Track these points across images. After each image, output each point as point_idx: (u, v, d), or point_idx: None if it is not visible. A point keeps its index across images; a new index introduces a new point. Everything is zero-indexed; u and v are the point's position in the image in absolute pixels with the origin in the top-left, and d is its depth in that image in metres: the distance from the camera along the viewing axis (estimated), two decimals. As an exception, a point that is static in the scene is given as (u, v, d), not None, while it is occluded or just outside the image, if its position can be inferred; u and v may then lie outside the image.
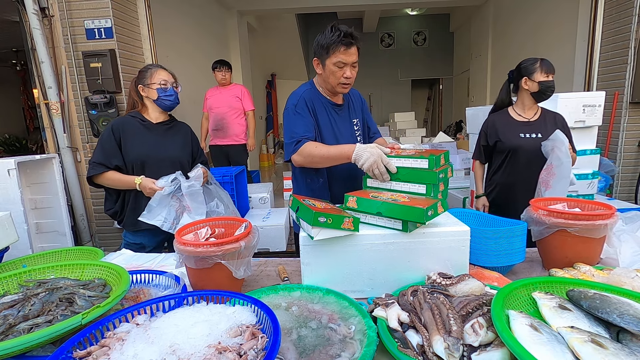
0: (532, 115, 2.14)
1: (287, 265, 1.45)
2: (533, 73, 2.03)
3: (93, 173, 1.73)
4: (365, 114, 1.83)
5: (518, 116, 2.15)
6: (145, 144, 1.80)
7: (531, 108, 2.14)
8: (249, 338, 0.78)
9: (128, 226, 1.83)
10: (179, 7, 4.93)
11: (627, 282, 0.99)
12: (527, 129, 2.11)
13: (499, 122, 2.18)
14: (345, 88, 1.58)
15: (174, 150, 1.87)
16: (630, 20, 3.28)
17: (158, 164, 1.80)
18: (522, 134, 2.10)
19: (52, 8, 3.20)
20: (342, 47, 1.47)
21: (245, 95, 4.26)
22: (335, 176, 1.67)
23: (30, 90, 7.41)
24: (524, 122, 2.12)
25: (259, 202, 3.87)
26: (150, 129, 1.84)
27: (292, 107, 1.61)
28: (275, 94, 9.79)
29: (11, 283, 1.07)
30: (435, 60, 10.88)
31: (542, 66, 2.01)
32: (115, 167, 1.76)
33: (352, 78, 1.55)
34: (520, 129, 2.11)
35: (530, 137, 2.08)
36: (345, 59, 1.50)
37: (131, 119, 1.83)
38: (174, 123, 1.95)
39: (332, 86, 1.58)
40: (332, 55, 1.50)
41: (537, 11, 5.60)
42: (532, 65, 2.04)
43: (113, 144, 1.75)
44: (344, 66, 1.51)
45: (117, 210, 1.83)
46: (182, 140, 1.93)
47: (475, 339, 0.77)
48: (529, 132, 2.09)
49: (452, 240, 1.12)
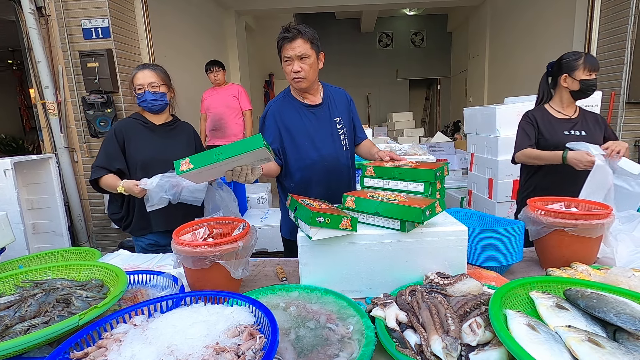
0: (572, 113, 1.97)
1: (285, 266, 1.45)
2: (575, 70, 1.85)
3: (94, 177, 1.71)
4: (353, 115, 1.82)
5: (557, 113, 1.98)
6: (149, 147, 1.77)
7: (570, 105, 1.97)
8: (247, 338, 0.78)
9: (135, 231, 1.81)
10: (177, 6, 4.92)
11: (624, 281, 1.00)
12: (570, 126, 1.94)
13: (539, 118, 1.99)
14: (298, 82, 1.57)
15: (178, 152, 1.79)
16: (627, 20, 3.30)
17: (162, 166, 1.73)
18: (566, 132, 1.92)
19: (48, 7, 3.18)
20: (284, 42, 1.51)
21: (243, 95, 4.27)
22: (312, 180, 1.68)
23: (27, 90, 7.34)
24: (565, 120, 1.95)
25: (257, 202, 3.86)
26: (153, 131, 1.82)
27: (262, 119, 1.69)
28: (273, 93, 9.78)
29: (7, 284, 1.07)
30: (432, 60, 10.89)
31: (586, 63, 1.83)
32: (118, 170, 1.73)
33: (303, 72, 1.54)
34: (562, 126, 1.94)
35: (575, 135, 1.90)
36: (288, 53, 1.52)
37: (133, 122, 1.81)
38: (177, 124, 1.92)
39: (290, 83, 1.60)
40: (282, 53, 1.54)
41: (534, 11, 5.61)
42: (575, 61, 1.85)
43: (116, 147, 1.74)
44: (289, 61, 1.53)
45: (123, 216, 1.81)
46: (186, 141, 1.90)
47: (473, 339, 0.77)
48: (573, 130, 1.92)
49: (450, 240, 1.12)
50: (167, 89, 1.82)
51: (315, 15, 9.83)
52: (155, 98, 1.76)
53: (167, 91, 1.82)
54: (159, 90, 1.77)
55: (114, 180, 1.69)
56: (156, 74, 1.77)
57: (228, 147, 1.18)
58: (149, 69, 1.78)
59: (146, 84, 1.74)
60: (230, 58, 6.70)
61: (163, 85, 1.79)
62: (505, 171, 2.94)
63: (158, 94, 1.76)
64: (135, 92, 1.76)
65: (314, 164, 1.65)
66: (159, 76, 1.78)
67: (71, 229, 3.27)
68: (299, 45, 1.50)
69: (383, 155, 1.52)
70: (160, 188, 1.58)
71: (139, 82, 1.74)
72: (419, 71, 11.13)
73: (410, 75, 11.21)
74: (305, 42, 1.51)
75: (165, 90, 1.80)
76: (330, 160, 1.67)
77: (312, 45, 1.53)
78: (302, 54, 1.51)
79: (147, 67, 1.80)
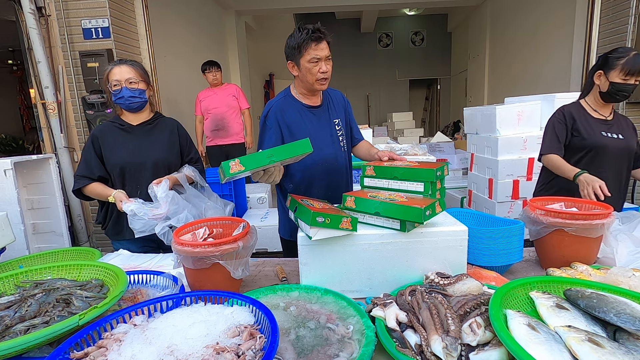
0: (608, 113, 1.82)
1: (286, 266, 1.45)
2: (612, 69, 1.67)
3: (77, 187, 1.67)
4: (349, 116, 1.83)
5: (594, 112, 1.83)
6: (124, 150, 1.69)
7: (606, 105, 1.81)
8: (247, 338, 0.78)
9: (111, 235, 1.79)
10: (177, 6, 4.92)
11: (624, 281, 1.00)
12: (607, 127, 1.79)
13: (577, 115, 1.83)
14: (324, 84, 1.59)
15: (157, 152, 1.73)
16: (627, 20, 3.30)
17: (138, 169, 1.70)
18: (604, 133, 1.78)
19: (48, 7, 3.18)
20: (312, 43, 1.51)
21: (241, 94, 4.29)
22: (312, 180, 1.68)
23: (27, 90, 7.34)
24: (602, 120, 1.81)
25: (257, 202, 3.87)
26: (130, 132, 1.73)
27: (263, 119, 1.67)
28: (273, 93, 9.78)
29: (8, 284, 1.07)
30: (433, 61, 10.89)
31: (625, 64, 1.63)
32: (99, 177, 1.68)
33: (329, 72, 1.58)
34: (600, 126, 1.80)
35: (612, 137, 1.77)
36: (318, 53, 1.52)
37: (110, 125, 1.74)
38: (157, 121, 1.80)
39: (311, 84, 1.59)
40: (305, 53, 1.53)
41: (535, 11, 5.61)
42: (617, 59, 1.66)
43: (93, 155, 1.68)
44: (318, 61, 1.54)
45: (101, 220, 1.79)
46: (167, 139, 1.79)
47: (473, 339, 0.77)
48: (611, 132, 1.78)
49: (450, 240, 1.12)
50: (146, 85, 1.72)
51: (315, 15, 9.81)
52: (133, 95, 1.66)
53: (147, 88, 1.72)
54: (137, 87, 1.67)
55: (103, 189, 1.65)
56: (134, 70, 1.67)
57: (279, 150, 1.17)
58: (126, 64, 1.68)
59: (123, 80, 1.64)
60: (230, 58, 6.70)
61: (142, 82, 1.69)
62: (505, 171, 2.94)
63: (137, 90, 1.66)
64: (111, 89, 1.65)
65: (315, 165, 1.65)
66: (137, 72, 1.68)
67: (71, 229, 3.27)
68: (325, 47, 1.54)
69: (382, 155, 1.52)
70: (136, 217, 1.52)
71: (115, 77, 1.64)
72: (419, 71, 11.13)
73: (410, 75, 11.21)
74: (328, 45, 1.56)
75: (145, 87, 1.70)
76: (330, 161, 1.68)
77: (330, 47, 1.57)
78: (329, 55, 1.55)
79: (125, 62, 1.69)
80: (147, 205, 1.54)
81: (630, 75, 1.64)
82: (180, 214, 1.56)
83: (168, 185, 1.60)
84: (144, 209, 1.52)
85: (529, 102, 3.03)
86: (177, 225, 1.49)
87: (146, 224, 1.52)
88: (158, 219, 1.52)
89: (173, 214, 1.55)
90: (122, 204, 1.54)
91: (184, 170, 1.77)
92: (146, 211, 1.52)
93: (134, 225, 1.52)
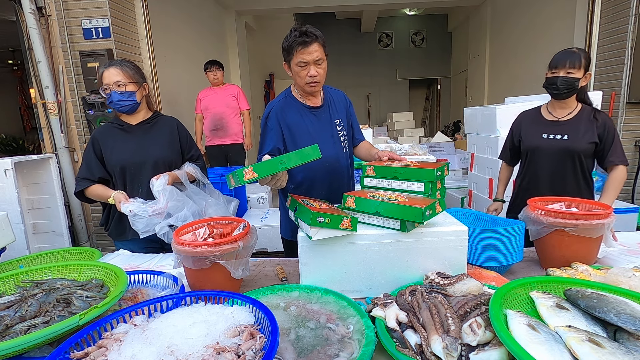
0: (563, 115, 1.85)
1: (286, 266, 1.45)
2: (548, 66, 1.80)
3: (78, 189, 1.69)
4: (351, 117, 1.82)
5: (548, 114, 1.90)
6: (124, 150, 1.70)
7: (561, 106, 1.85)
8: (247, 338, 0.78)
9: (114, 236, 1.79)
10: (177, 6, 4.92)
11: (624, 281, 0.99)
12: (553, 129, 1.85)
13: (525, 120, 1.97)
14: (314, 87, 1.57)
15: (157, 151, 1.73)
16: (627, 20, 3.30)
17: (138, 168, 1.70)
18: (545, 135, 1.86)
19: (49, 7, 3.18)
20: (299, 46, 1.48)
21: (241, 95, 4.28)
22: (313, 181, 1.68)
23: (27, 90, 7.34)
24: (552, 122, 1.87)
25: (257, 202, 3.87)
26: (130, 132, 1.73)
27: (264, 120, 1.66)
28: (273, 93, 9.77)
29: (8, 284, 1.07)
30: (433, 60, 10.89)
31: (552, 59, 1.77)
32: (100, 179, 1.68)
33: (319, 76, 1.54)
34: (544, 128, 1.87)
35: (553, 139, 1.83)
36: (305, 57, 1.49)
37: (110, 126, 1.75)
38: (156, 120, 1.79)
39: (301, 87, 1.58)
40: (294, 56, 1.51)
41: (535, 11, 5.61)
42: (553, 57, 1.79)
43: (93, 157, 1.68)
44: (306, 65, 1.51)
45: (104, 222, 1.79)
46: (167, 138, 1.78)
47: (473, 339, 0.77)
48: (553, 133, 1.84)
49: (450, 240, 1.12)
50: (137, 86, 1.68)
51: (315, 15, 9.83)
52: (122, 98, 1.64)
53: (137, 89, 1.68)
54: (125, 90, 1.63)
55: (104, 191, 1.66)
56: (122, 72, 1.64)
57: (290, 156, 1.16)
58: (115, 66, 1.65)
59: (112, 84, 1.62)
60: (230, 58, 6.70)
61: (130, 84, 1.65)
62: (505, 171, 2.94)
63: (125, 93, 1.64)
64: (104, 93, 1.65)
65: (316, 166, 1.65)
66: (126, 74, 1.65)
67: (71, 229, 3.27)
68: (315, 49, 1.49)
69: (383, 155, 1.52)
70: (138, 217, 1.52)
71: (105, 81, 1.63)
72: (419, 71, 11.13)
73: (410, 75, 11.21)
74: (320, 47, 1.50)
75: (134, 89, 1.66)
76: (331, 161, 1.67)
77: (324, 49, 1.53)
78: (318, 58, 1.51)
79: (114, 64, 1.66)
80: (146, 203, 1.55)
81: (555, 67, 1.75)
82: (181, 210, 1.57)
83: (167, 180, 1.60)
84: (142, 207, 1.52)
85: (529, 102, 3.02)
86: (178, 224, 1.49)
87: (148, 222, 1.52)
88: (158, 214, 1.52)
89: (173, 210, 1.56)
90: (120, 204, 1.54)
91: (185, 168, 1.78)
92: (145, 209, 1.52)
93: (136, 225, 1.52)
